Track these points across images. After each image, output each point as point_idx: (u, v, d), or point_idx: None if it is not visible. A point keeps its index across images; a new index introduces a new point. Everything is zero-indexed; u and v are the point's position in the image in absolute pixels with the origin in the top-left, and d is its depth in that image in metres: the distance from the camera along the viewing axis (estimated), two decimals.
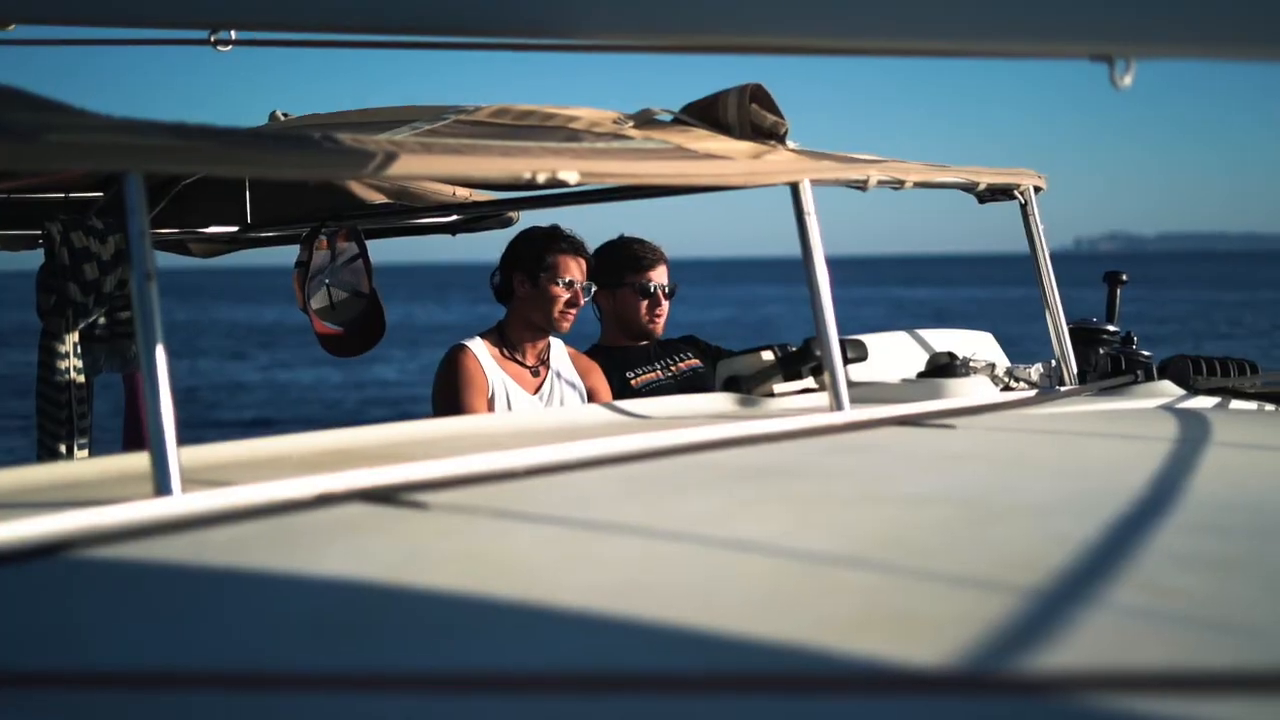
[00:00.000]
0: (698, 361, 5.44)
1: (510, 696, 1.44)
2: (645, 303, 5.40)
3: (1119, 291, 5.10)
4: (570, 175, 2.96)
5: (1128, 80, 1.97)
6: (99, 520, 2.14)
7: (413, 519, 2.23)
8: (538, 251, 5.01)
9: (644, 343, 5.48)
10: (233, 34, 3.47)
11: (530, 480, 2.53)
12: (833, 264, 3.52)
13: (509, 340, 5.07)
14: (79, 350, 4.76)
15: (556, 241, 5.03)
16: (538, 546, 2.08)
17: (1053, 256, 4.50)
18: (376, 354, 6.71)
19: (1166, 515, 2.24)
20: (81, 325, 4.74)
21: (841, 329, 3.55)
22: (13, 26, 3.76)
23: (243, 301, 69.48)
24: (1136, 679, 1.43)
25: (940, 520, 2.21)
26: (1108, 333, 4.70)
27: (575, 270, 5.01)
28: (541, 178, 2.92)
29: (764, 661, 1.55)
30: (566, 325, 5.02)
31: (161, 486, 2.31)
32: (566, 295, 4.97)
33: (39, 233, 4.90)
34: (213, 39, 3.49)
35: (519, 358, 5.05)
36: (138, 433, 5.74)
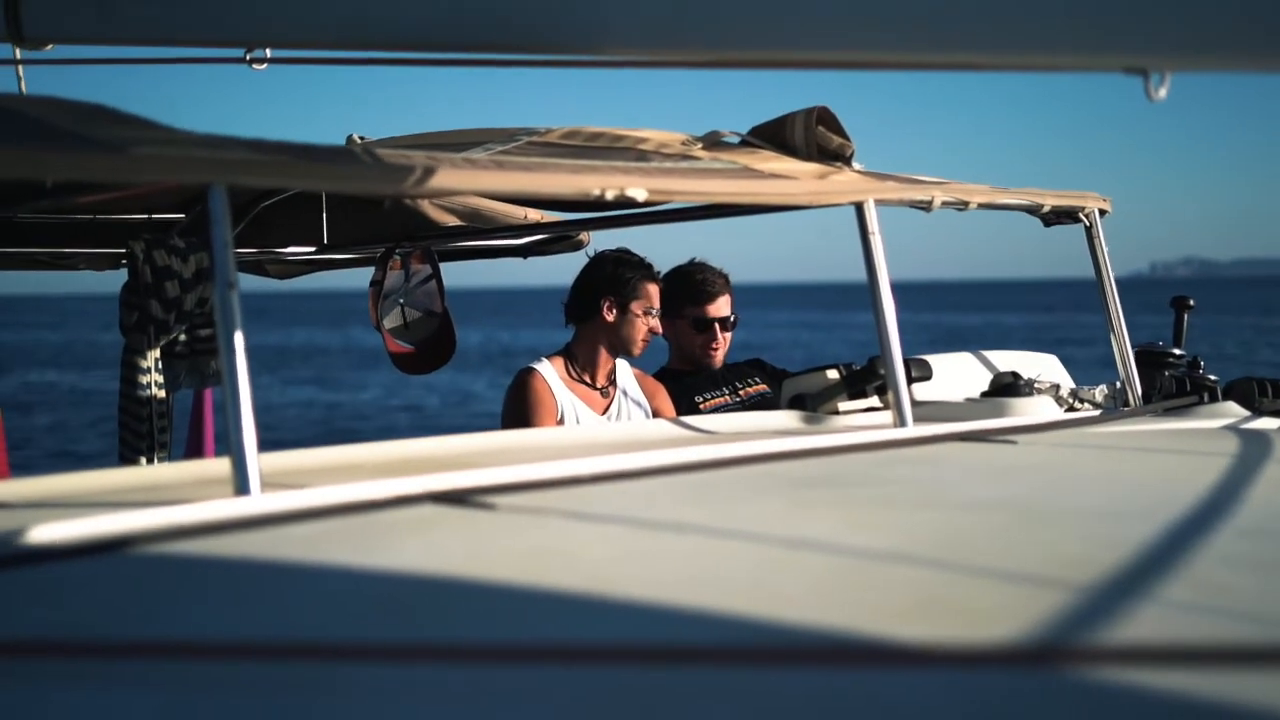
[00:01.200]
0: (765, 387, 5.46)
1: (569, 666, 1.50)
2: (701, 337, 5.43)
3: (1186, 316, 5.11)
4: (638, 193, 3.03)
5: (1163, 93, 2.01)
6: (180, 518, 2.22)
7: (482, 518, 2.30)
8: (631, 278, 5.06)
9: (708, 370, 5.52)
10: (268, 52, 3.52)
11: (596, 486, 2.60)
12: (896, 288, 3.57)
13: (579, 361, 5.13)
14: (160, 366, 4.88)
15: (649, 270, 5.10)
16: (600, 543, 2.15)
17: (1128, 281, 4.52)
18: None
19: (1218, 521, 2.28)
20: (163, 342, 4.85)
21: (904, 351, 3.60)
22: (50, 46, 3.83)
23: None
24: (1176, 653, 1.48)
25: (994, 524, 2.26)
26: (1173, 356, 4.72)
27: (658, 300, 5.09)
28: (610, 195, 2.99)
29: (816, 642, 1.61)
30: (641, 353, 5.10)
31: (241, 487, 2.39)
32: (652, 323, 5.05)
33: (123, 251, 5.02)
34: (248, 57, 3.55)
35: (587, 379, 5.11)
36: (199, 446, 5.87)
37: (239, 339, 2.46)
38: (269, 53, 3.49)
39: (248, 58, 3.53)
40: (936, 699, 1.42)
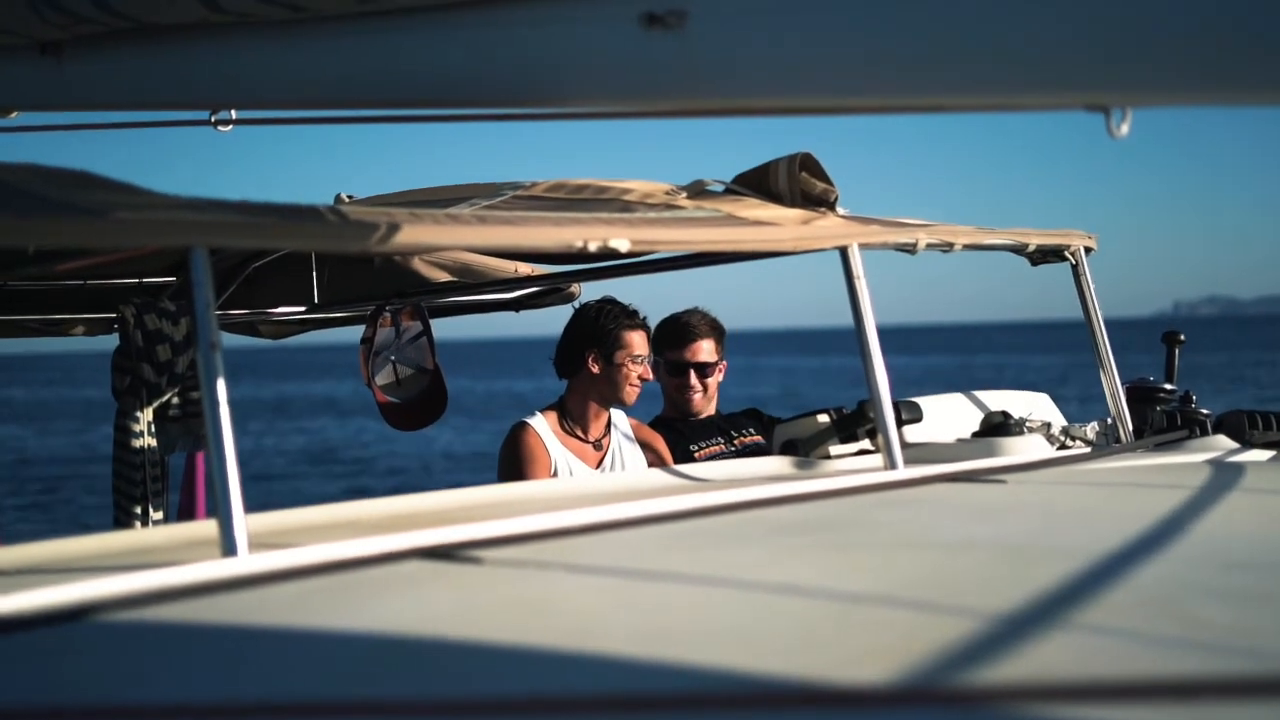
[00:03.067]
0: (760, 438, 5.45)
1: (554, 718, 1.50)
2: (675, 380, 5.43)
3: (1177, 351, 5.13)
4: (621, 244, 3.04)
5: (1124, 129, 2.02)
6: (168, 581, 2.22)
7: (468, 573, 2.30)
8: (612, 329, 5.07)
9: (706, 416, 5.51)
10: (233, 114, 3.53)
11: (583, 537, 2.60)
12: (882, 332, 3.57)
13: (572, 415, 5.14)
14: (153, 429, 4.89)
15: (630, 318, 5.10)
16: (585, 593, 2.15)
17: (1151, 320, 4.54)
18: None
19: (1203, 554, 2.29)
20: (155, 405, 4.86)
21: (894, 393, 3.61)
22: (15, 114, 3.84)
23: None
24: (1162, 688, 1.48)
25: (980, 564, 2.26)
26: (1165, 391, 4.73)
27: (644, 346, 5.09)
28: (593, 246, 3.00)
29: (800, 688, 1.61)
30: (634, 400, 5.10)
31: (228, 548, 2.40)
32: (639, 370, 5.05)
33: (114, 316, 5.04)
34: (213, 119, 3.55)
35: (580, 433, 5.11)
36: (191, 508, 5.88)
37: (223, 399, 2.46)
38: (234, 114, 3.50)
39: (213, 120, 3.53)
40: None
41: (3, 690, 1.78)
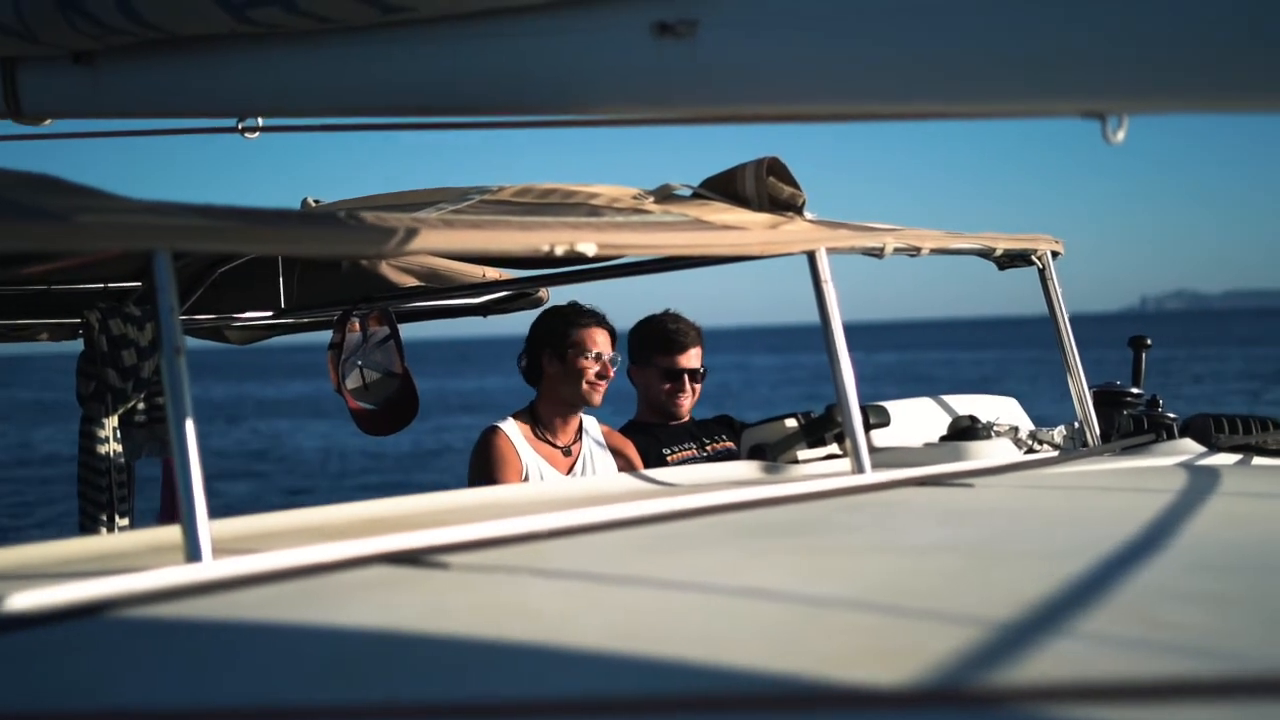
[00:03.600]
0: (732, 444, 5.47)
1: None
2: (668, 385, 5.46)
3: (1144, 355, 5.15)
4: (588, 247, 3.03)
5: (1120, 136, 2.03)
6: (131, 586, 2.21)
7: (435, 577, 2.29)
8: (562, 328, 5.09)
9: (678, 422, 5.53)
10: (259, 121, 3.58)
11: (551, 542, 2.60)
12: (854, 330, 3.58)
13: (541, 421, 5.13)
14: (118, 435, 4.86)
15: (580, 316, 5.11)
16: (552, 597, 2.14)
17: (1119, 316, 4.55)
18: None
19: (1170, 557, 2.29)
20: (120, 410, 4.84)
21: (862, 397, 3.61)
22: (49, 121, 3.89)
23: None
24: (1126, 689, 1.48)
25: (947, 567, 2.26)
26: (1131, 395, 4.74)
27: (601, 342, 5.08)
28: (560, 250, 2.99)
29: (765, 689, 1.61)
30: (598, 399, 5.08)
31: (192, 554, 2.38)
32: (595, 368, 5.04)
33: (79, 321, 5.01)
34: (240, 126, 3.60)
35: (551, 438, 5.11)
36: (172, 515, 5.84)
37: (188, 404, 2.45)
38: (260, 121, 3.54)
39: (240, 127, 3.57)
40: None
41: None
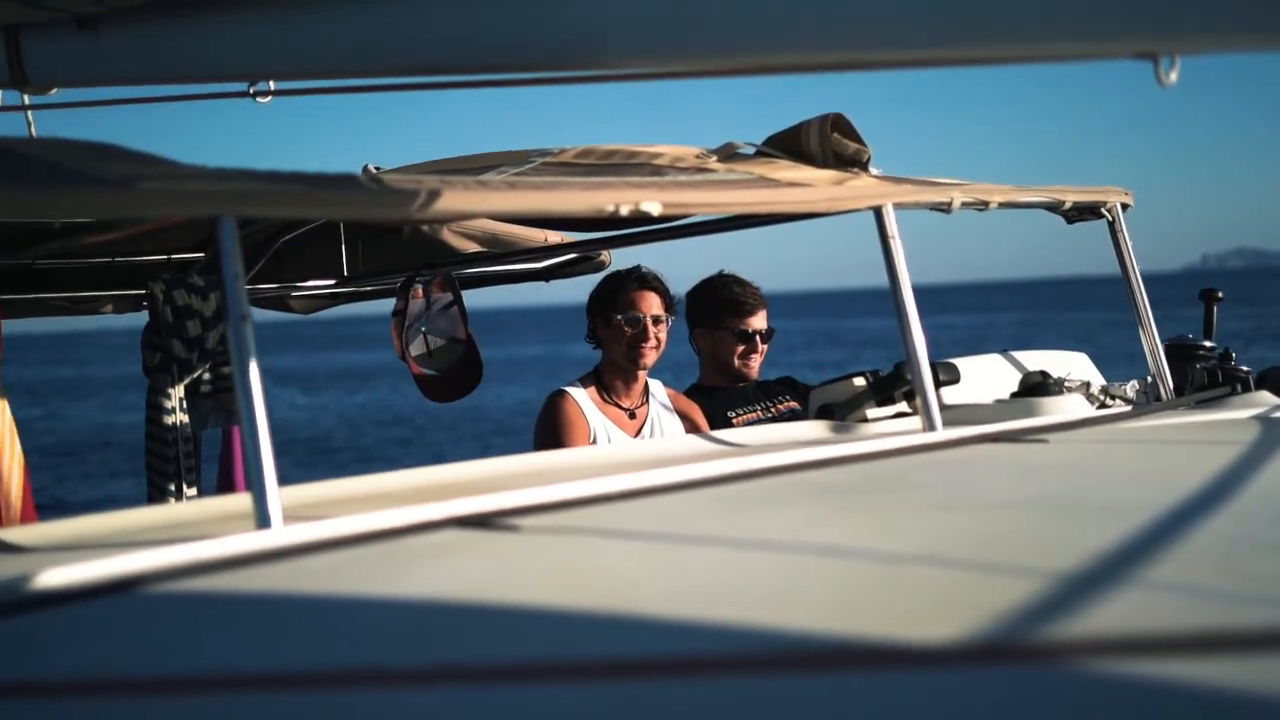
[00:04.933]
0: (796, 404, 5.45)
1: (596, 682, 1.48)
2: (742, 347, 5.45)
3: (1215, 308, 5.06)
4: (653, 207, 3.00)
5: (1173, 77, 1.98)
6: (203, 554, 2.20)
7: (506, 540, 2.27)
8: (609, 291, 5.10)
9: (742, 384, 5.51)
10: (271, 85, 3.52)
11: (622, 503, 2.57)
12: (922, 291, 3.53)
13: (605, 384, 5.12)
14: (184, 405, 4.87)
15: (625, 279, 5.10)
16: (626, 558, 2.12)
17: (1180, 275, 4.47)
18: None
19: (1253, 508, 2.25)
20: (186, 380, 4.85)
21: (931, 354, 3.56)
22: (55, 90, 3.85)
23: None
24: (1213, 641, 1.44)
25: (1026, 523, 2.22)
26: (1204, 349, 4.66)
27: (646, 305, 5.06)
28: (625, 210, 2.95)
29: (842, 647, 1.58)
30: (646, 361, 5.04)
31: (262, 521, 2.37)
32: (635, 330, 5.02)
33: (143, 292, 5.02)
34: (252, 90, 3.54)
35: (617, 400, 5.09)
36: (230, 482, 5.87)
37: (254, 372, 2.43)
38: (272, 85, 3.49)
39: (251, 91, 3.52)
40: (963, 697, 1.39)
41: (50, 663, 1.77)
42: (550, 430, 4.98)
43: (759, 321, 5.47)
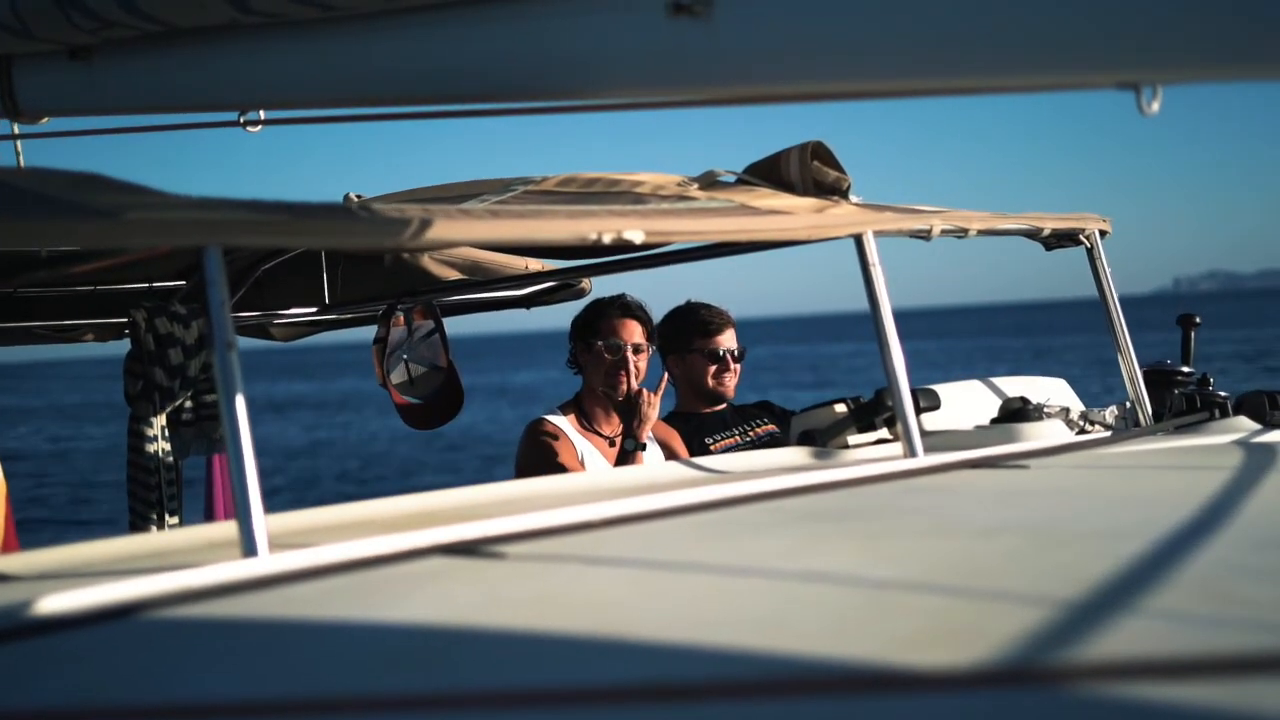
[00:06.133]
0: (774, 427, 5.47)
1: (582, 708, 1.48)
2: (714, 367, 5.46)
3: (1193, 334, 5.09)
4: (635, 235, 3.01)
5: (1155, 107, 2.00)
6: (188, 582, 2.20)
7: (491, 568, 2.28)
8: (591, 317, 5.10)
9: (720, 407, 5.52)
10: (261, 114, 3.54)
11: (606, 530, 2.58)
12: (903, 317, 3.55)
13: (585, 412, 5.12)
14: (166, 434, 4.87)
15: (608, 306, 5.10)
16: (611, 586, 2.13)
17: (1152, 298, 4.50)
18: None
19: (1235, 534, 2.26)
20: (168, 409, 4.84)
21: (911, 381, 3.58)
22: (46, 120, 3.86)
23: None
24: (1197, 665, 1.46)
25: (1008, 548, 2.24)
26: (1182, 374, 4.69)
27: (627, 333, 5.05)
28: (607, 238, 2.97)
29: (830, 672, 1.59)
30: (624, 388, 5.03)
31: (248, 549, 2.37)
32: (615, 358, 5.02)
33: (125, 320, 5.02)
34: (242, 120, 3.56)
35: (597, 428, 5.10)
36: (213, 511, 5.86)
37: (240, 400, 2.44)
38: (262, 114, 3.50)
39: (241, 120, 3.54)
40: None
41: (37, 692, 1.77)
42: (534, 455, 4.97)
43: (728, 341, 5.49)
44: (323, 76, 3.11)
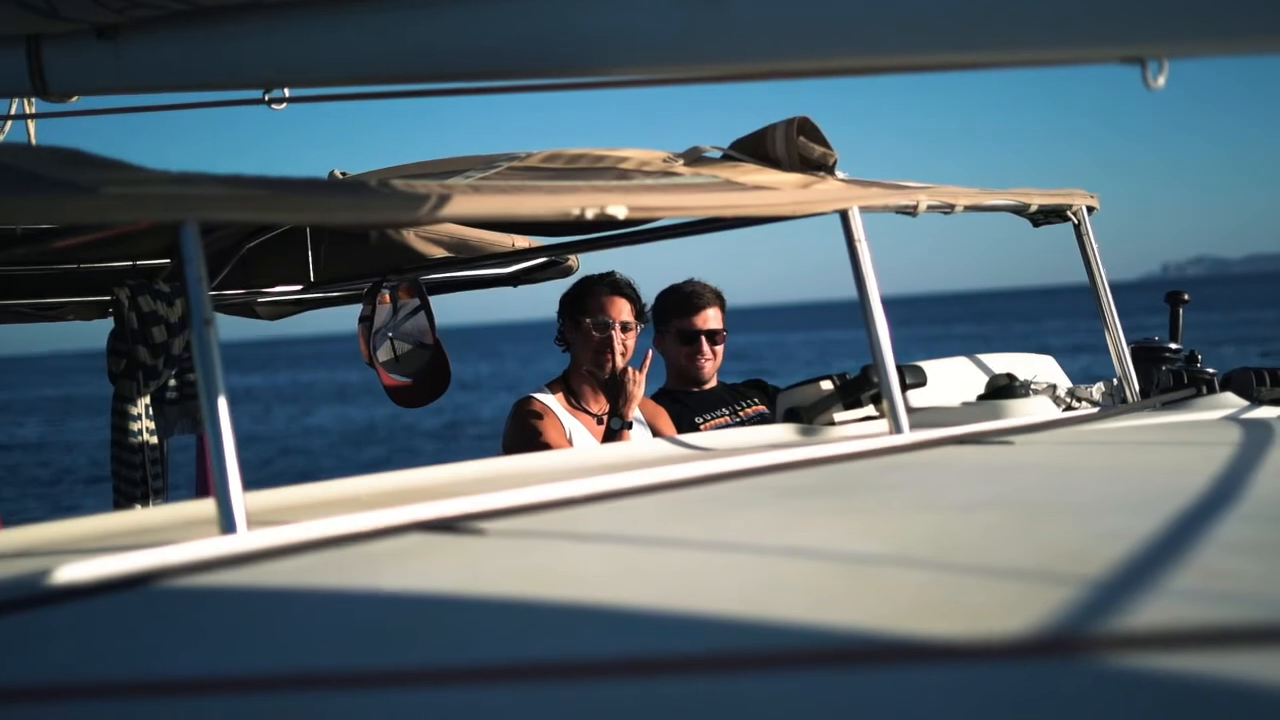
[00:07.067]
0: (764, 408, 5.43)
1: (564, 681, 1.47)
2: (686, 349, 5.40)
3: (1181, 311, 5.08)
4: (619, 210, 2.99)
5: (1161, 81, 1.98)
6: (167, 559, 2.19)
7: (471, 544, 2.27)
8: (577, 294, 5.07)
9: (710, 386, 5.48)
10: (286, 92, 3.55)
11: (587, 507, 2.57)
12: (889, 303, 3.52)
13: (573, 389, 5.10)
14: (150, 413, 4.85)
15: (597, 283, 5.07)
16: (593, 561, 2.11)
17: (1140, 283, 4.49)
18: None
19: (1220, 508, 2.25)
20: (152, 387, 4.82)
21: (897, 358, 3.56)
22: (75, 99, 3.87)
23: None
24: (1180, 637, 1.44)
25: (994, 523, 2.22)
26: (1170, 351, 4.68)
27: (615, 310, 5.02)
28: (590, 214, 2.95)
29: (815, 645, 1.58)
30: (609, 366, 5.00)
31: (226, 526, 2.36)
32: (602, 336, 4.99)
33: (108, 299, 5.00)
34: (267, 98, 3.57)
35: (585, 406, 5.08)
36: (206, 489, 5.84)
37: (219, 376, 2.42)
38: (287, 92, 3.51)
39: (266, 98, 3.54)
40: (939, 695, 1.38)
41: (11, 669, 1.75)
42: (522, 433, 4.95)
43: (705, 322, 5.39)
44: (345, 54, 3.13)
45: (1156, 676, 1.40)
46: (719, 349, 5.44)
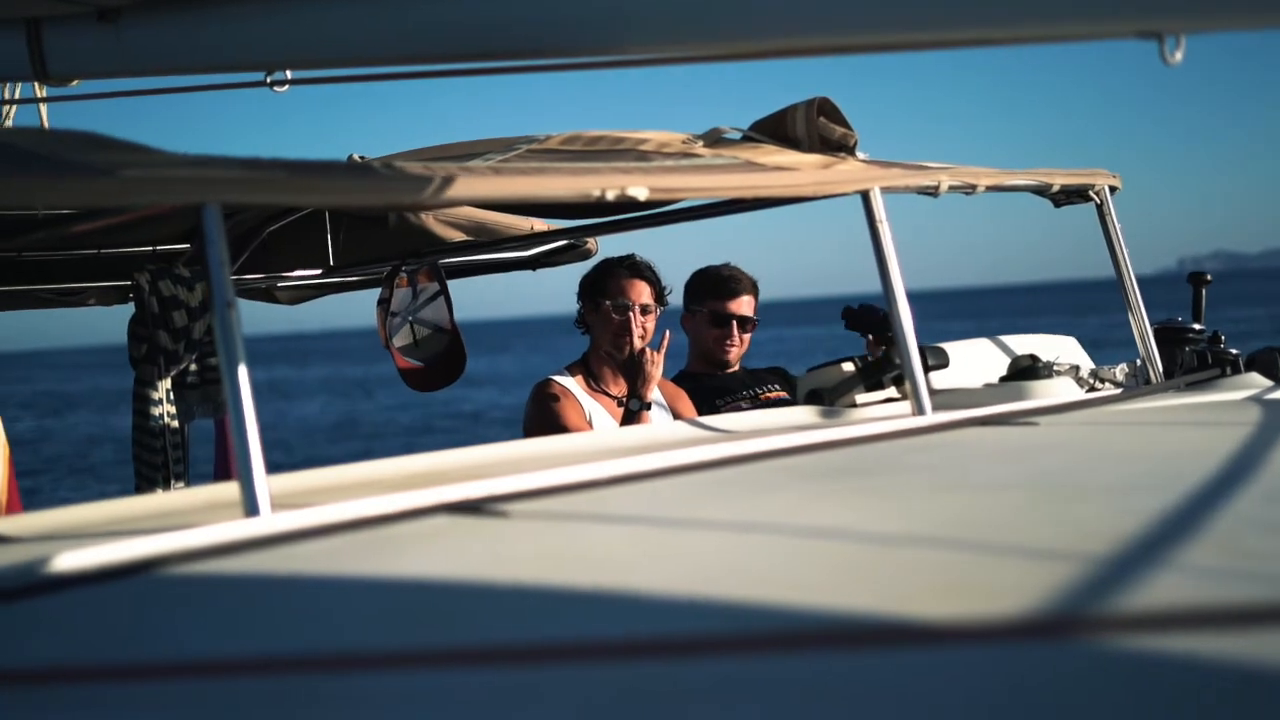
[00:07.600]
0: (785, 393, 5.42)
1: (588, 663, 1.46)
2: (717, 331, 5.40)
3: (1204, 291, 5.05)
4: (639, 191, 2.98)
5: (1178, 56, 1.96)
6: (190, 542, 2.18)
7: (496, 526, 2.26)
8: (597, 276, 5.06)
9: (732, 370, 5.48)
10: (288, 74, 3.53)
11: (610, 489, 2.56)
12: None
13: (592, 372, 5.09)
14: (171, 397, 4.85)
15: (617, 265, 5.06)
16: (618, 542, 2.11)
17: (1157, 278, 4.46)
18: None
19: (1244, 488, 2.24)
20: (173, 372, 4.83)
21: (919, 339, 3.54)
22: (75, 82, 3.85)
23: None
24: (1204, 616, 1.43)
25: (1018, 503, 2.21)
26: (1193, 331, 4.66)
27: (635, 293, 5.01)
28: (611, 195, 2.94)
29: (840, 626, 1.57)
30: (628, 349, 4.99)
31: (250, 508, 2.36)
32: (622, 318, 4.97)
33: (129, 284, 5.00)
34: (269, 80, 3.55)
35: (605, 388, 5.07)
36: (226, 472, 5.85)
37: (241, 359, 2.41)
38: (289, 74, 3.50)
39: (268, 80, 3.53)
40: (965, 674, 1.38)
41: (36, 651, 1.75)
42: (542, 415, 4.94)
43: (739, 307, 5.40)
44: (348, 35, 3.12)
45: (1183, 655, 1.39)
46: (747, 336, 5.45)
